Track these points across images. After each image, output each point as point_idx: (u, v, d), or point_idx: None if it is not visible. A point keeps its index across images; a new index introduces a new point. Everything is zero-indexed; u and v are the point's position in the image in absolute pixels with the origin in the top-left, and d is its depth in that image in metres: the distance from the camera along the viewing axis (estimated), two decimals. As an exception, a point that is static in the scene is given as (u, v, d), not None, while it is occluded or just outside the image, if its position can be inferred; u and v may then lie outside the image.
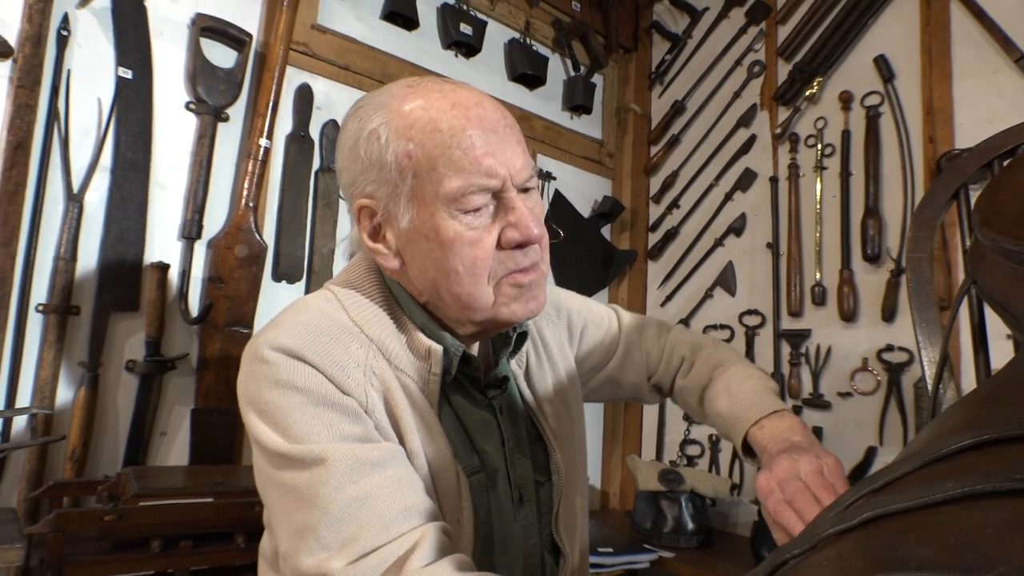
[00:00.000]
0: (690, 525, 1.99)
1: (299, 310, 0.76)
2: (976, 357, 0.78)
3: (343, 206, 1.96)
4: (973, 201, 0.84)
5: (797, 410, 2.10)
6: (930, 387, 0.76)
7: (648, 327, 1.11)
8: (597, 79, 2.73)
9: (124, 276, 1.55)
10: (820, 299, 2.09)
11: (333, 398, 0.69)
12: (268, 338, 0.71)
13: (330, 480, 0.64)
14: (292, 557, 0.65)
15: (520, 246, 0.75)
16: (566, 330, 1.03)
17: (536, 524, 0.85)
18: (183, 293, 1.61)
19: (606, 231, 2.70)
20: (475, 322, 0.78)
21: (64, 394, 1.47)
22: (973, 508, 0.42)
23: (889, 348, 1.91)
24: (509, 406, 0.87)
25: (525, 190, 0.77)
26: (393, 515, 0.64)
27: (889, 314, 1.93)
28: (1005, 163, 0.82)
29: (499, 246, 0.74)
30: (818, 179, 2.14)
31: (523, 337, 0.89)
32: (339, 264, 1.93)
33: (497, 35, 2.40)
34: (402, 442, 0.73)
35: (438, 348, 0.77)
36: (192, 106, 1.68)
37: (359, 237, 0.79)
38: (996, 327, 0.75)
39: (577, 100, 2.55)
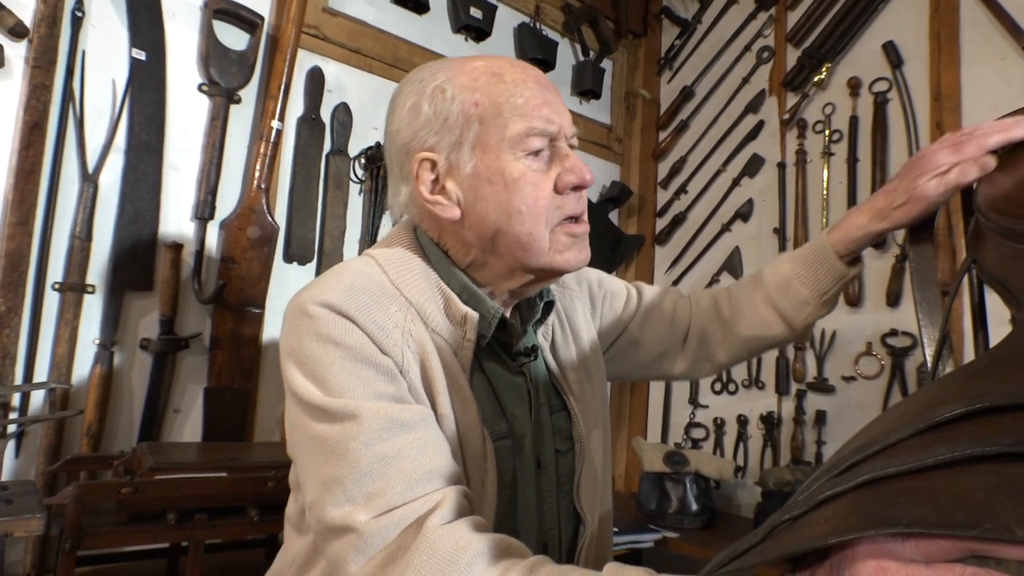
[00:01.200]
0: (694, 506, 2.02)
1: (342, 272, 0.79)
2: (975, 336, 0.80)
3: (354, 189, 1.98)
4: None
5: (801, 394, 2.12)
6: (930, 364, 0.78)
7: (671, 291, 1.13)
8: (606, 64, 2.73)
9: (138, 256, 1.57)
10: (826, 285, 2.10)
11: (371, 356, 0.72)
12: (313, 294, 0.74)
13: (361, 435, 0.67)
14: (318, 507, 0.67)
15: (576, 188, 0.80)
16: (588, 301, 1.05)
17: (554, 491, 0.87)
18: (196, 273, 1.64)
19: (614, 216, 2.71)
20: (529, 269, 0.81)
21: (80, 371, 1.50)
22: (963, 472, 0.44)
23: (893, 333, 1.93)
24: (535, 376, 0.89)
25: (571, 146, 0.84)
26: (418, 475, 0.67)
27: (894, 299, 1.94)
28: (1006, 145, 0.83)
29: (555, 191, 0.79)
30: (825, 165, 2.15)
31: (550, 306, 0.91)
32: (349, 246, 1.95)
33: (507, 19, 2.40)
34: (433, 404, 0.76)
35: (474, 315, 0.80)
36: (205, 88, 1.70)
37: (414, 192, 0.82)
38: (996, 312, 0.76)
39: (586, 85, 2.56)
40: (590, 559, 0.89)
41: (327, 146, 1.93)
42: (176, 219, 1.66)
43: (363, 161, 1.99)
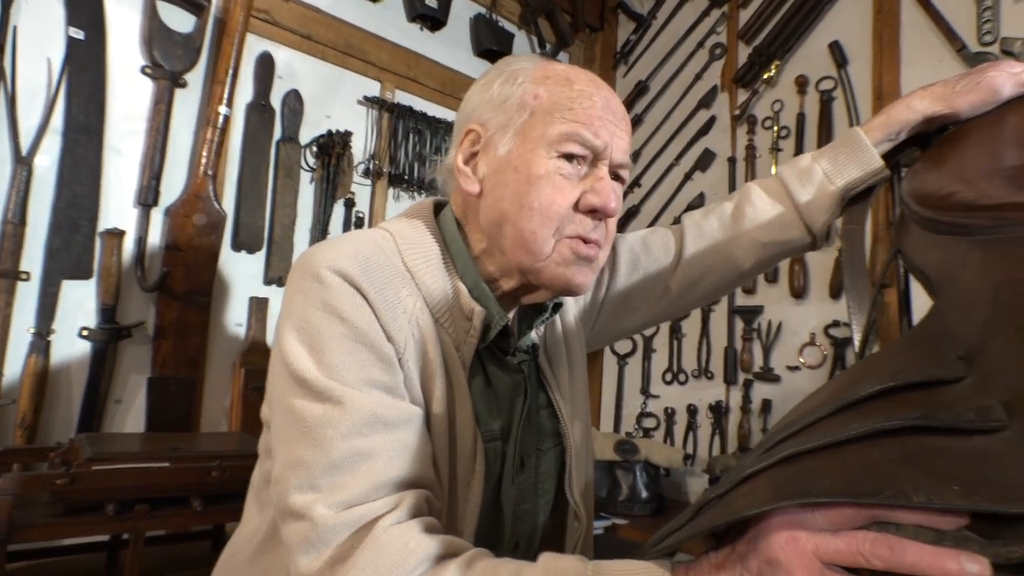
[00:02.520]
0: (644, 493, 2.06)
1: (359, 240, 0.76)
2: (900, 321, 0.83)
3: (304, 177, 1.95)
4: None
5: (748, 383, 2.17)
6: (857, 346, 0.81)
7: (654, 229, 1.08)
8: (563, 57, 2.74)
9: (76, 242, 1.52)
10: (772, 277, 2.16)
11: (374, 339, 0.70)
12: (328, 258, 0.71)
13: (340, 425, 0.65)
14: (282, 486, 0.66)
15: (594, 212, 0.77)
16: None
17: (533, 491, 0.86)
18: (139, 260, 1.59)
19: (568, 209, 2.72)
20: (523, 270, 0.78)
21: (14, 361, 1.45)
22: (873, 446, 0.47)
23: (835, 324, 1.99)
24: (529, 373, 0.88)
25: (616, 177, 0.81)
26: (387, 479, 0.66)
27: (836, 291, 2.00)
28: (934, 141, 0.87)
29: (576, 208, 0.77)
30: (773, 161, 2.20)
31: (558, 307, 0.90)
32: (300, 235, 1.92)
33: (463, 9, 2.39)
34: (429, 398, 0.74)
35: (481, 311, 0.78)
36: (148, 70, 1.65)
37: (451, 159, 0.83)
38: (926, 300, 0.80)
39: (542, 77, 2.56)
40: (586, 552, 0.88)
41: (277, 133, 1.89)
42: (118, 205, 1.61)
43: (315, 149, 1.96)
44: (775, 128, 2.21)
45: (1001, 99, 0.82)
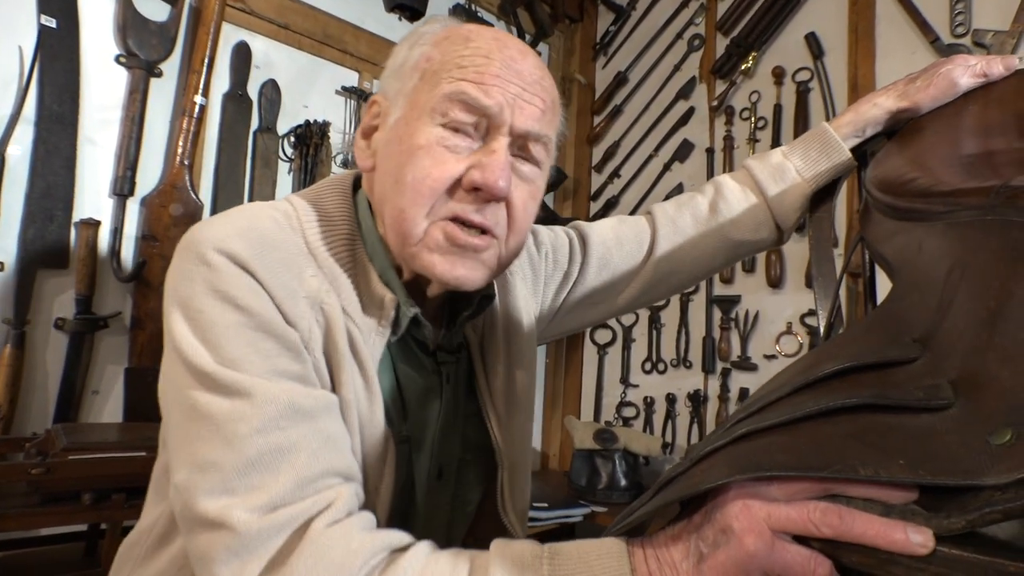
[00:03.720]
0: (623, 482, 2.08)
1: (254, 216, 0.66)
2: (865, 306, 0.86)
3: (282, 167, 1.94)
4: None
5: (726, 372, 2.20)
6: (822, 330, 0.83)
7: (624, 219, 1.04)
8: (542, 48, 2.74)
9: (51, 232, 1.51)
10: (750, 266, 2.19)
11: (276, 328, 0.61)
12: (215, 236, 0.62)
13: (253, 420, 0.57)
14: (189, 492, 0.58)
15: (476, 191, 0.66)
16: (529, 268, 0.94)
17: (451, 502, 0.79)
18: (115, 251, 1.58)
19: (549, 199, 2.74)
20: (403, 256, 0.70)
21: (-12, 353, 1.43)
22: (826, 423, 0.49)
23: (811, 313, 2.02)
24: (455, 376, 0.79)
25: (524, 156, 0.70)
26: (312, 475, 0.58)
27: (812, 280, 2.03)
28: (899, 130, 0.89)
29: (460, 186, 0.66)
30: (751, 151, 2.22)
31: (487, 301, 0.79)
32: (278, 226, 1.91)
33: (442, -1, 2.39)
34: (336, 391, 0.66)
35: (392, 299, 0.69)
36: (123, 59, 1.63)
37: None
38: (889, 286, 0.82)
39: (522, 68, 2.56)
40: None
41: (254, 123, 1.89)
42: (93, 195, 1.59)
43: (292, 139, 1.95)
44: (752, 119, 2.23)
45: (959, 91, 0.84)
